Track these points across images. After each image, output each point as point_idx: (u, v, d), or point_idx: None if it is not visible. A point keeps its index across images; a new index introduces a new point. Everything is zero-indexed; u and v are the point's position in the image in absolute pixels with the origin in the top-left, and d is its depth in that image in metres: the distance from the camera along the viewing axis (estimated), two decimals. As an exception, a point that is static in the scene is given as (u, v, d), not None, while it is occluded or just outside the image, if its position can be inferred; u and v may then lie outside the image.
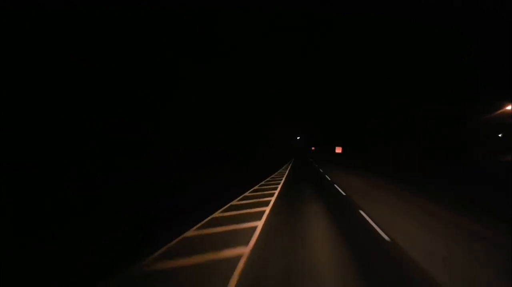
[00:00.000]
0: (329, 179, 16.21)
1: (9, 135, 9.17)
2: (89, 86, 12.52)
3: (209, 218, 6.88)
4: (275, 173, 18.96)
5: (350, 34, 27.68)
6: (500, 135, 23.00)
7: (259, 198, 9.60)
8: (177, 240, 5.28)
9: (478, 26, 14.24)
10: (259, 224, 6.36)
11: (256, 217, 7.01)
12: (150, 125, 16.91)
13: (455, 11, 14.59)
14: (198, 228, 6.01)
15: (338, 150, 53.65)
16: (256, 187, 12.19)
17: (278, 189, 11.88)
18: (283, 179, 15.75)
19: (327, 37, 31.99)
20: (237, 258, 4.52)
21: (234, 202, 8.84)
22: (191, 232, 5.71)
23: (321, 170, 22.38)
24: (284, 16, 24.34)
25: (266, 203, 8.78)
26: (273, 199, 9.51)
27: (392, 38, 21.77)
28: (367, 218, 7.12)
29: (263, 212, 7.56)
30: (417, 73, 20.13)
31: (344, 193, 11.11)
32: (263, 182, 14.03)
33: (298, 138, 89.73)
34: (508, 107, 15.14)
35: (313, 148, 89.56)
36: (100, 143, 12.86)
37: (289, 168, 24.10)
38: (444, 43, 16.93)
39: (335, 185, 13.32)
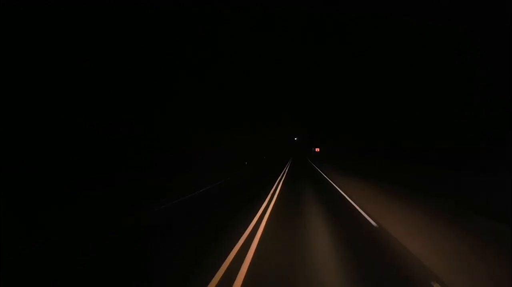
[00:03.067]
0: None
1: (9, 135, 9.16)
2: (88, 86, 12.52)
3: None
4: None
5: (350, 34, 27.67)
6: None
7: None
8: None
9: (478, 26, 14.22)
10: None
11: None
12: (149, 125, 16.89)
13: (455, 11, 14.59)
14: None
15: None
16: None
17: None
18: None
19: (327, 37, 32.00)
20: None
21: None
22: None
23: None
24: (284, 16, 24.35)
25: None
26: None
27: (392, 38, 21.76)
28: None
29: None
30: (417, 73, 20.12)
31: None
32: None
33: (295, 139, 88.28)
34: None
35: (317, 149, 70.00)
36: (98, 143, 12.85)
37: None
38: (444, 43, 16.91)
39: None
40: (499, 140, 14.30)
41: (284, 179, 16.02)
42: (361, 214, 7.44)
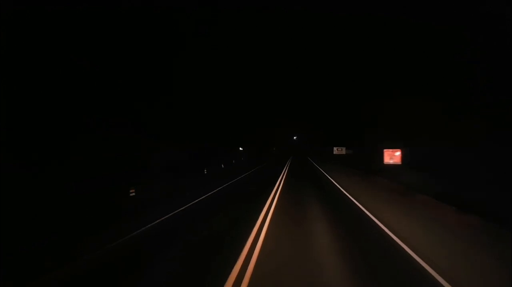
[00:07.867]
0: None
1: (7, 135, 9.16)
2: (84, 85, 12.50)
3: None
4: None
5: (350, 34, 27.66)
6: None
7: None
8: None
9: (478, 26, 14.21)
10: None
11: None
12: (147, 126, 16.88)
13: (455, 11, 14.57)
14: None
15: None
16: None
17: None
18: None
19: (326, 37, 31.98)
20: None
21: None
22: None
23: None
24: (284, 15, 24.34)
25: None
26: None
27: (391, 38, 21.74)
28: None
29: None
30: (417, 72, 20.10)
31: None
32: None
33: (295, 138, 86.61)
34: None
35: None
36: (95, 143, 12.84)
37: None
38: (444, 43, 16.89)
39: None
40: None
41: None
42: None
